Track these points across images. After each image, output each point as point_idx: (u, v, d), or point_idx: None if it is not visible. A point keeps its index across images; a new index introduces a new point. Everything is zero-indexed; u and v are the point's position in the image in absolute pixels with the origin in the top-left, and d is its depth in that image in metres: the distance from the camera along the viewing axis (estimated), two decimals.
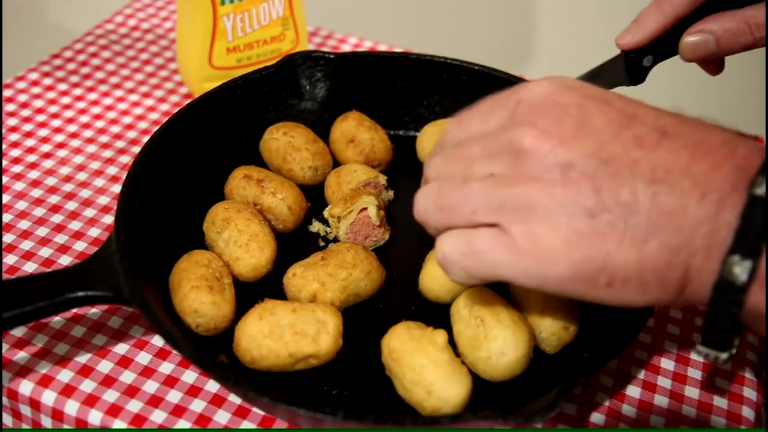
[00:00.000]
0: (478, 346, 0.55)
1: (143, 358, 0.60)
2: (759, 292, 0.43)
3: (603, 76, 0.68)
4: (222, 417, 0.56)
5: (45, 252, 0.67)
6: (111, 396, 0.57)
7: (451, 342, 0.56)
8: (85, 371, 0.59)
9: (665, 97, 0.89)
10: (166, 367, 0.59)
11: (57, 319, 0.62)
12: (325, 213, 0.67)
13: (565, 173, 0.44)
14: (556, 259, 0.44)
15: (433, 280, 0.61)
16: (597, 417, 0.58)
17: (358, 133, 0.72)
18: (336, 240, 0.67)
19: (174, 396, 0.57)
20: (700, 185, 0.43)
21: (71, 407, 0.57)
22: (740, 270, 0.43)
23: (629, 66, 0.66)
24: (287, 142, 0.70)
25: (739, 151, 0.44)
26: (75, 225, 0.70)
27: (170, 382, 0.58)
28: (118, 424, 0.56)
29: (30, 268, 0.66)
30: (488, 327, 0.55)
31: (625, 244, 0.44)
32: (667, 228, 0.44)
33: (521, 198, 0.45)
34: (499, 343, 0.54)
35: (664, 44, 0.63)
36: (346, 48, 0.95)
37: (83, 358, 0.59)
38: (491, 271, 0.46)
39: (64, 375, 0.58)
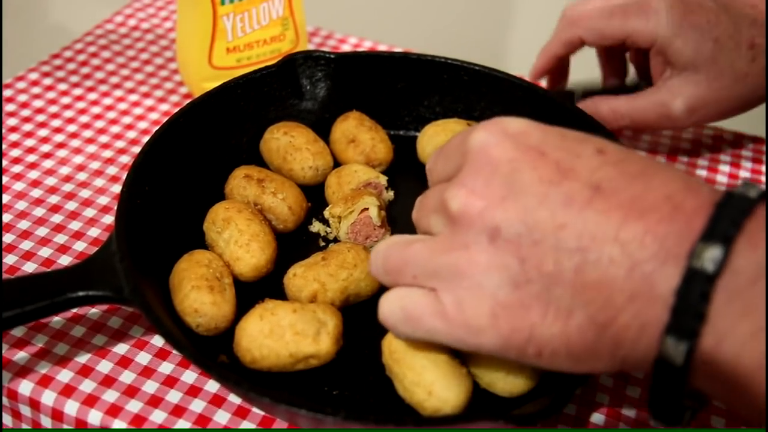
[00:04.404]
0: (494, 366, 0.54)
1: (143, 358, 0.60)
2: (700, 378, 0.39)
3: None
4: (222, 417, 0.56)
5: (45, 252, 0.67)
6: (111, 396, 0.57)
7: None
8: (85, 371, 0.59)
9: None
10: (166, 367, 0.59)
11: (57, 319, 0.62)
12: (326, 213, 0.67)
13: (492, 240, 0.43)
14: (484, 330, 0.44)
15: None
16: (597, 417, 0.58)
17: (358, 133, 0.72)
18: (336, 240, 0.67)
19: (174, 396, 0.57)
20: (629, 255, 0.39)
21: (71, 407, 0.56)
22: (676, 353, 0.38)
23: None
24: (288, 142, 0.70)
25: (684, 208, 0.40)
26: (75, 225, 0.70)
27: (170, 382, 0.58)
28: (117, 424, 0.55)
29: (30, 268, 0.66)
30: None
31: (549, 316, 0.42)
32: (592, 301, 0.41)
33: (452, 266, 0.44)
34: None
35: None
36: (345, 48, 0.95)
37: (83, 358, 0.59)
38: (427, 336, 0.47)
39: (64, 375, 0.58)
